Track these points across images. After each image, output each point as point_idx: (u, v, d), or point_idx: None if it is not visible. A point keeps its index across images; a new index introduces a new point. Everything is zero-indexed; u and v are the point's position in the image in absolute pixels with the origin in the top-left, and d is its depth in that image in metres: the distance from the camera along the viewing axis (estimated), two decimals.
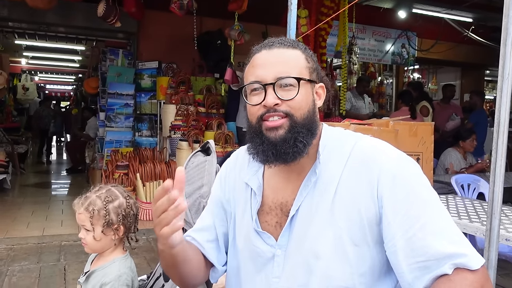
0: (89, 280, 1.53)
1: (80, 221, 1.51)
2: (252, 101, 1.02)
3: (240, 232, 1.12)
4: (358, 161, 1.00)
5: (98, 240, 1.51)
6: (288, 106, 0.99)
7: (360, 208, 0.97)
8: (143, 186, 5.14)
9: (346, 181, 0.99)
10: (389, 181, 0.95)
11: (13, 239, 4.31)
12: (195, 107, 5.66)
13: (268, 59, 1.01)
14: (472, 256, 0.88)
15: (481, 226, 2.22)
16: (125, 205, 1.55)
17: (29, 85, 13.19)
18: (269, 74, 1.00)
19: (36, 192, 6.87)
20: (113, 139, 6.39)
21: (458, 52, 8.15)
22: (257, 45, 1.07)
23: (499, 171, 1.84)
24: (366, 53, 7.56)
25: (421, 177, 0.98)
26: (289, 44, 1.04)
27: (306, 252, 1.00)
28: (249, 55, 1.07)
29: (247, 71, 1.05)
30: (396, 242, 0.92)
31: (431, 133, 3.29)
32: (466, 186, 3.63)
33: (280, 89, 0.99)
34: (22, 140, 9.38)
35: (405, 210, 0.92)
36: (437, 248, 0.88)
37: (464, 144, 4.65)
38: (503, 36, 1.78)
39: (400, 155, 1.00)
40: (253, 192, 1.11)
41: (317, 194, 1.01)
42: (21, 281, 3.35)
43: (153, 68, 6.57)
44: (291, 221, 1.03)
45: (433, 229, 0.90)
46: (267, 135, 1.00)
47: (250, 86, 1.02)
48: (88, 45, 8.95)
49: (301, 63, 1.03)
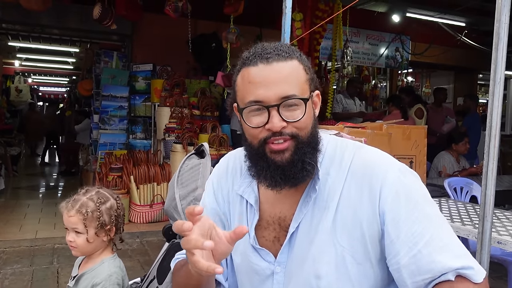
0: (78, 283, 1.53)
1: (71, 223, 1.50)
2: (252, 122, 0.94)
3: (237, 248, 1.05)
4: (359, 176, 0.97)
5: (91, 242, 1.50)
6: (294, 128, 0.93)
7: (362, 225, 0.94)
8: (137, 188, 5.12)
9: (347, 197, 0.96)
10: (391, 197, 0.92)
11: (6, 242, 4.28)
12: (189, 109, 5.65)
13: (268, 77, 0.92)
14: (477, 269, 0.88)
15: (473, 229, 2.24)
16: (116, 206, 1.57)
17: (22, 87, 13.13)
18: (272, 94, 0.91)
19: (28, 195, 6.83)
20: (107, 141, 6.36)
21: (451, 56, 8.21)
22: (249, 51, 0.98)
23: (491, 174, 1.85)
24: (360, 57, 7.59)
25: (423, 191, 0.96)
26: (286, 54, 0.95)
27: (308, 271, 0.97)
28: (241, 62, 0.97)
29: (243, 87, 0.95)
30: (400, 259, 0.90)
31: (424, 136, 3.31)
32: (459, 189, 3.66)
33: (284, 109, 0.92)
34: (15, 142, 9.32)
35: (408, 227, 0.90)
36: (443, 264, 0.87)
37: (457, 147, 4.68)
38: (494, 41, 1.80)
39: (401, 169, 0.97)
40: (249, 205, 1.06)
41: (317, 211, 0.98)
42: (14, 284, 3.32)
43: (148, 70, 6.56)
44: (291, 238, 1.00)
45: (437, 245, 0.88)
46: (273, 158, 0.94)
47: (250, 105, 0.93)
48: (82, 47, 8.92)
49: (302, 76, 0.95)
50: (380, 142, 2.97)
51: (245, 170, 1.06)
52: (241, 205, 1.08)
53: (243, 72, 0.95)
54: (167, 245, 1.73)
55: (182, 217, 1.60)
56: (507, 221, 2.48)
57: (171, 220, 1.75)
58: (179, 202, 1.63)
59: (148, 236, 4.65)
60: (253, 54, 0.95)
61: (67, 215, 1.50)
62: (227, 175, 1.14)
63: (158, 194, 5.16)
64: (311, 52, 5.43)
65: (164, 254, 1.70)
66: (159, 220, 5.14)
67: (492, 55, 1.81)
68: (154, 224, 5.02)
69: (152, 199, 5.14)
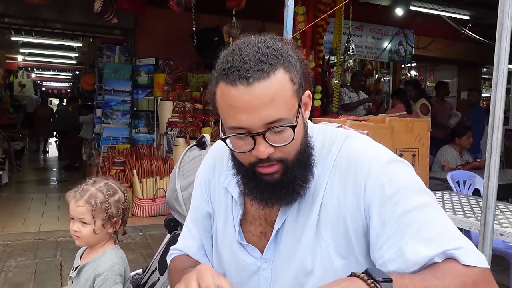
0: (81, 274, 1.54)
1: (78, 213, 1.50)
2: (237, 146, 0.89)
3: (224, 243, 1.05)
4: (343, 169, 0.93)
5: (96, 234, 1.51)
6: (281, 152, 0.87)
7: (346, 220, 0.90)
8: (140, 182, 5.13)
9: (331, 191, 0.93)
10: (376, 190, 0.88)
11: (9, 235, 4.31)
12: (192, 103, 5.65)
13: (250, 102, 0.81)
14: (468, 251, 0.82)
15: (475, 221, 2.23)
16: (124, 199, 1.59)
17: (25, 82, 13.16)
18: (256, 121, 0.82)
19: (32, 189, 6.87)
20: (110, 135, 6.38)
21: (455, 49, 8.16)
22: (226, 57, 0.86)
23: (493, 166, 1.85)
24: (363, 51, 7.55)
25: (411, 180, 0.91)
26: (268, 67, 0.82)
27: (295, 268, 0.94)
28: (218, 71, 0.86)
29: (223, 107, 0.85)
30: (384, 253, 0.86)
31: (427, 130, 3.30)
32: (462, 183, 3.65)
33: (271, 134, 0.84)
34: (18, 137, 9.36)
35: (394, 219, 0.85)
36: (429, 257, 0.82)
37: (460, 141, 4.66)
38: (498, 31, 1.78)
39: (389, 159, 0.92)
40: (234, 200, 1.03)
41: (304, 207, 0.95)
42: (17, 277, 3.34)
43: (150, 64, 6.56)
44: (277, 234, 0.97)
45: (425, 237, 0.83)
46: (263, 178, 0.90)
47: (233, 130, 0.86)
48: (85, 41, 8.93)
49: (288, 90, 0.84)
50: (383, 135, 2.96)
51: (231, 161, 1.00)
52: (226, 198, 1.05)
53: (222, 88, 0.84)
54: (168, 237, 1.74)
55: (183, 207, 1.61)
56: (510, 214, 2.47)
57: (172, 212, 1.75)
58: (180, 193, 1.63)
59: (151, 229, 4.66)
60: (231, 67, 0.83)
61: (75, 204, 1.51)
62: (214, 167, 1.11)
63: (161, 188, 5.18)
64: (314, 46, 5.40)
65: (166, 245, 1.71)
66: (162, 214, 5.15)
67: (496, 45, 1.80)
68: (157, 218, 5.03)
69: (155, 193, 5.16)
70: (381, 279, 0.74)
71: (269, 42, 0.86)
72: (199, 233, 1.12)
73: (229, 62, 0.84)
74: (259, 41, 0.87)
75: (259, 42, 0.86)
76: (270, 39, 0.88)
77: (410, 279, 0.78)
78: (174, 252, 1.16)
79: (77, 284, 1.54)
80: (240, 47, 0.85)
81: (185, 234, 1.16)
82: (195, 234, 1.13)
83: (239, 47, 0.86)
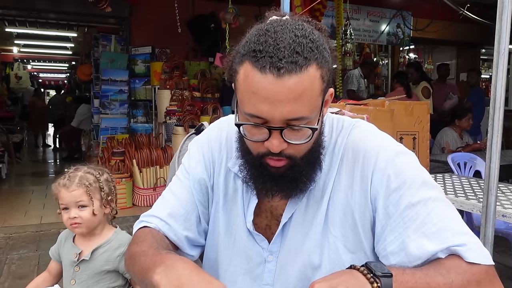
0: (95, 257, 1.54)
1: (75, 198, 1.50)
2: (250, 133, 0.84)
3: (229, 229, 1.01)
4: (350, 161, 0.91)
5: (96, 215, 1.53)
6: (293, 149, 0.84)
7: (354, 214, 0.90)
8: (140, 172, 5.12)
9: (339, 185, 0.92)
10: (383, 182, 0.87)
11: (11, 228, 4.31)
12: (190, 92, 5.61)
13: (276, 94, 0.76)
14: (473, 247, 0.80)
15: (477, 203, 2.23)
16: (110, 179, 1.62)
17: (22, 73, 13.05)
18: (278, 114, 0.77)
19: (32, 181, 6.86)
20: (108, 126, 6.35)
21: (453, 31, 8.09)
22: (258, 38, 0.78)
23: (495, 147, 1.84)
24: (361, 34, 7.48)
25: (418, 172, 0.89)
26: (303, 61, 0.76)
27: (302, 263, 0.93)
28: (246, 50, 0.79)
29: (244, 89, 0.80)
30: (387, 246, 0.85)
31: (427, 112, 3.28)
32: (462, 165, 3.64)
33: (288, 131, 0.81)
34: (16, 130, 9.33)
35: (399, 212, 0.84)
36: (432, 252, 0.81)
37: (460, 123, 4.65)
38: (498, 11, 1.76)
39: (395, 150, 0.90)
40: (245, 187, 0.99)
41: (313, 202, 0.93)
42: (21, 269, 3.35)
43: (147, 53, 6.50)
44: (283, 228, 0.95)
45: (429, 230, 0.82)
46: (268, 169, 0.87)
47: (250, 118, 0.81)
48: (79, 31, 8.84)
49: (316, 89, 0.79)
50: (383, 118, 2.94)
51: (237, 144, 0.97)
52: (235, 183, 1.01)
53: (247, 70, 0.78)
54: None
55: None
56: (511, 195, 2.46)
57: None
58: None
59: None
60: (263, 51, 0.76)
61: (68, 191, 1.50)
62: (220, 146, 1.04)
63: (161, 177, 5.17)
64: None
65: None
66: None
67: (496, 25, 1.77)
68: None
69: (155, 182, 5.15)
70: (381, 274, 0.73)
71: (307, 31, 0.80)
72: (191, 200, 1.02)
73: (261, 44, 0.77)
74: (297, 26, 0.80)
75: (296, 29, 0.79)
76: (307, 25, 0.82)
77: (412, 275, 0.77)
78: (145, 220, 1.03)
79: (87, 269, 1.54)
80: (276, 30, 0.78)
81: (169, 200, 1.03)
82: (185, 201, 1.02)
83: (275, 29, 0.78)
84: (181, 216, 1.01)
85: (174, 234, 0.99)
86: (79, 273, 1.55)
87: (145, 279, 0.83)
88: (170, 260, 0.81)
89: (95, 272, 1.54)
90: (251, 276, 0.98)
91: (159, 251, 0.89)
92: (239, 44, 0.84)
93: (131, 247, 0.98)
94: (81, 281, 1.54)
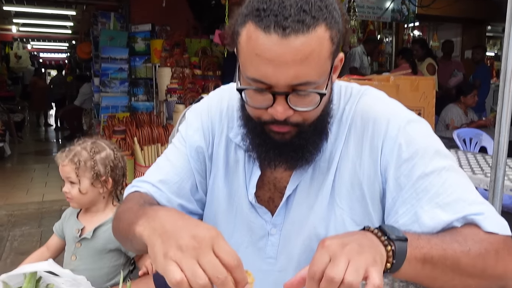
0: (97, 235, 1.50)
1: (65, 173, 1.48)
2: (253, 100, 0.79)
3: (231, 201, 0.97)
4: (358, 130, 0.87)
5: (84, 194, 1.48)
6: (300, 116, 0.79)
7: (362, 185, 0.86)
8: (141, 150, 5.10)
9: (346, 155, 0.87)
10: (394, 152, 0.83)
11: (13, 205, 4.33)
12: (190, 69, 5.53)
13: (280, 56, 0.70)
14: (490, 217, 0.77)
15: (484, 178, 2.19)
16: (113, 156, 1.54)
17: (21, 53, 12.97)
18: (282, 78, 0.72)
19: (34, 160, 6.86)
20: (109, 104, 6.29)
21: (459, 7, 7.92)
22: (259, 0, 0.73)
23: (504, 121, 1.80)
24: (365, 11, 7.31)
25: (430, 141, 0.85)
26: (311, 20, 0.70)
27: (307, 235, 0.89)
28: (249, 9, 0.74)
29: (247, 51, 0.74)
30: (399, 218, 0.81)
31: (433, 88, 3.22)
32: (468, 140, 3.59)
33: (294, 96, 0.76)
34: (18, 109, 9.30)
35: (412, 183, 0.81)
36: (447, 222, 0.77)
37: (465, 100, 4.59)
38: None
39: (408, 119, 0.86)
40: (247, 158, 0.94)
41: (319, 173, 0.89)
42: (23, 245, 3.36)
43: (147, 31, 6.39)
44: (287, 200, 0.91)
45: (443, 201, 0.78)
46: (271, 136, 0.82)
47: (253, 82, 0.76)
48: (78, 9, 8.70)
49: (325, 52, 0.73)
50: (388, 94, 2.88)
51: (240, 112, 0.92)
52: (236, 153, 0.96)
53: (250, 30, 0.73)
54: None
55: None
56: None
57: None
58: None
59: None
60: (267, 9, 0.71)
61: (61, 164, 1.49)
62: (221, 115, 0.99)
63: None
64: None
65: None
66: None
67: None
68: None
69: (156, 160, 5.13)
70: (395, 237, 0.69)
71: None
72: (187, 167, 0.97)
73: (266, 3, 0.72)
74: None
75: None
76: None
77: (427, 241, 0.73)
78: (137, 185, 0.98)
79: (89, 247, 1.51)
80: None
81: (163, 166, 0.99)
82: (180, 169, 0.97)
83: None
84: (175, 183, 0.96)
85: (166, 200, 0.95)
86: (81, 249, 1.52)
87: (128, 234, 0.78)
88: (152, 210, 0.76)
89: (97, 250, 1.51)
90: (253, 249, 0.95)
91: (143, 206, 0.84)
92: (242, 5, 0.78)
93: (117, 210, 0.95)
94: (82, 257, 1.51)
